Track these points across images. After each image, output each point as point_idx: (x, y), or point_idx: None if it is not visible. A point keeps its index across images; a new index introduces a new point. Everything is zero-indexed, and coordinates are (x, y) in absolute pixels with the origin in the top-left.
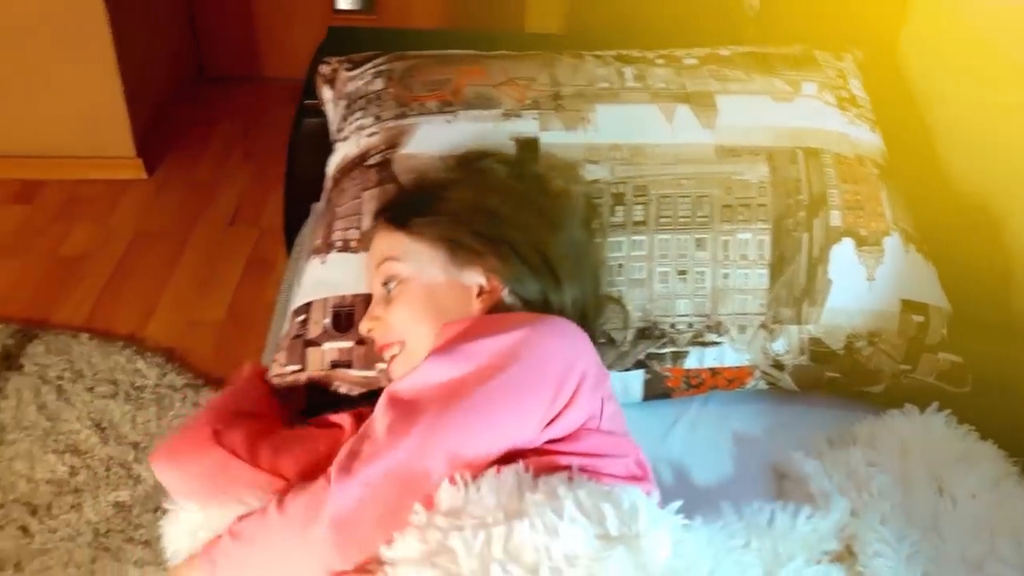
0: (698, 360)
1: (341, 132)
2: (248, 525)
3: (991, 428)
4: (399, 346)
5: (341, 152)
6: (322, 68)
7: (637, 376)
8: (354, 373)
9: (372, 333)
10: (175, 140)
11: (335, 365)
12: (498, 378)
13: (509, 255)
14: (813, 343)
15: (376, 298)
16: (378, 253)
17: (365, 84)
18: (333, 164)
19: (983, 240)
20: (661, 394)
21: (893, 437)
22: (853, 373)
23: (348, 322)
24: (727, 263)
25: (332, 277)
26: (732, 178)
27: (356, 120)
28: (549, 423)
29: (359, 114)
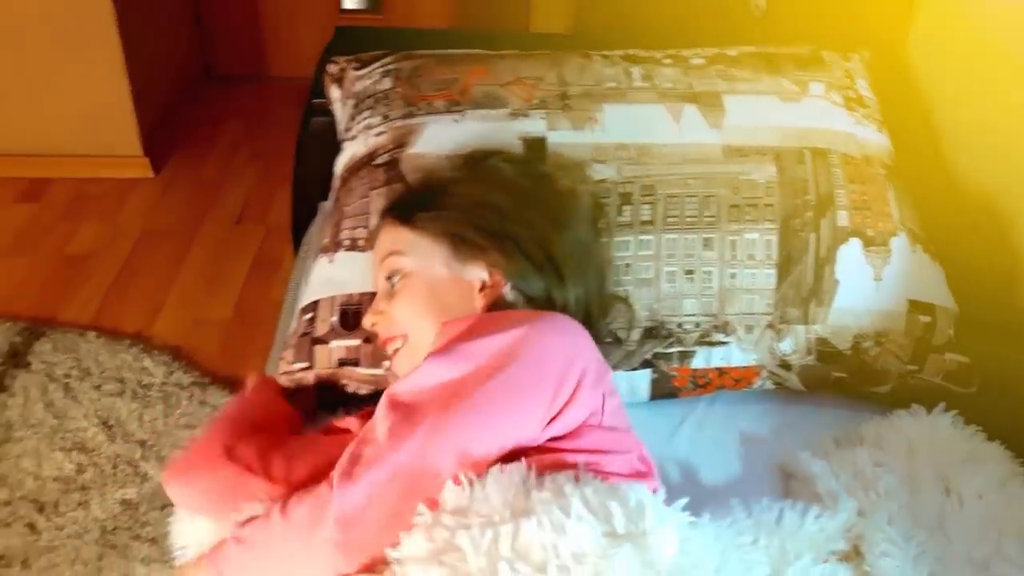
0: (705, 360)
1: (349, 131)
2: (252, 530)
3: (998, 429)
4: (401, 340)
5: (349, 151)
6: (330, 67)
7: (644, 376)
8: (361, 371)
9: (376, 327)
10: (182, 139)
11: (342, 363)
12: (498, 378)
13: (512, 251)
14: (820, 343)
15: (380, 292)
16: (383, 248)
17: (373, 83)
18: (341, 163)
19: (990, 240)
20: (668, 394)
21: (900, 437)
22: (860, 373)
23: (355, 320)
24: (734, 263)
25: (340, 275)
26: (739, 178)
27: (364, 119)
28: (550, 421)
29: (367, 113)
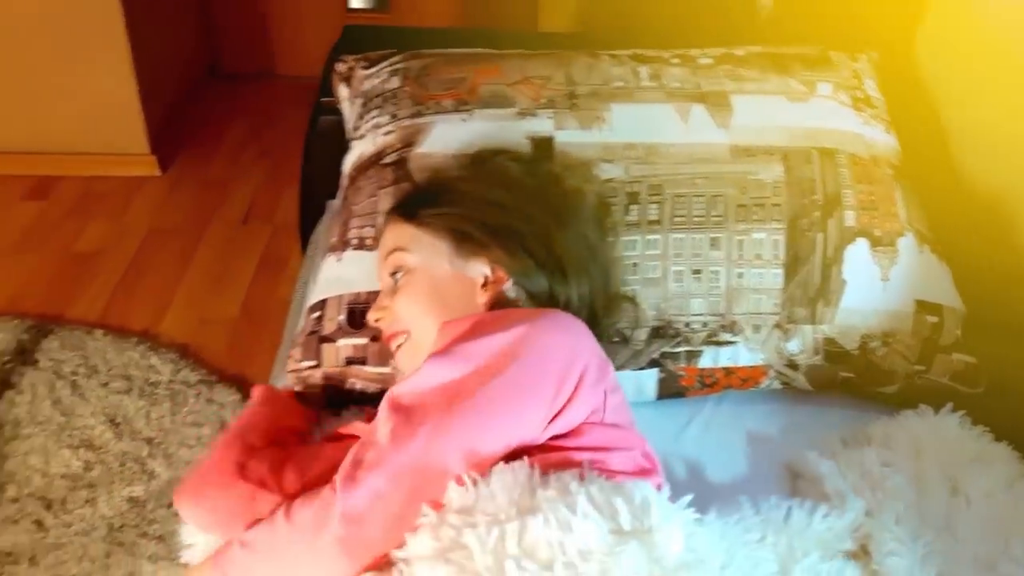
0: (712, 359)
1: (357, 130)
2: (257, 534)
3: (1005, 429)
4: (404, 336)
5: (357, 150)
6: (338, 66)
7: (651, 375)
8: (369, 369)
9: (379, 323)
10: (189, 137)
11: (350, 361)
12: (499, 378)
13: (514, 247)
14: (827, 343)
15: (384, 288)
16: (387, 244)
17: (381, 82)
18: (349, 162)
19: (997, 241)
20: (675, 393)
21: (907, 437)
22: (867, 373)
23: (363, 319)
24: (741, 263)
25: (347, 274)
26: (747, 178)
27: (372, 118)
28: (552, 419)
29: (375, 112)
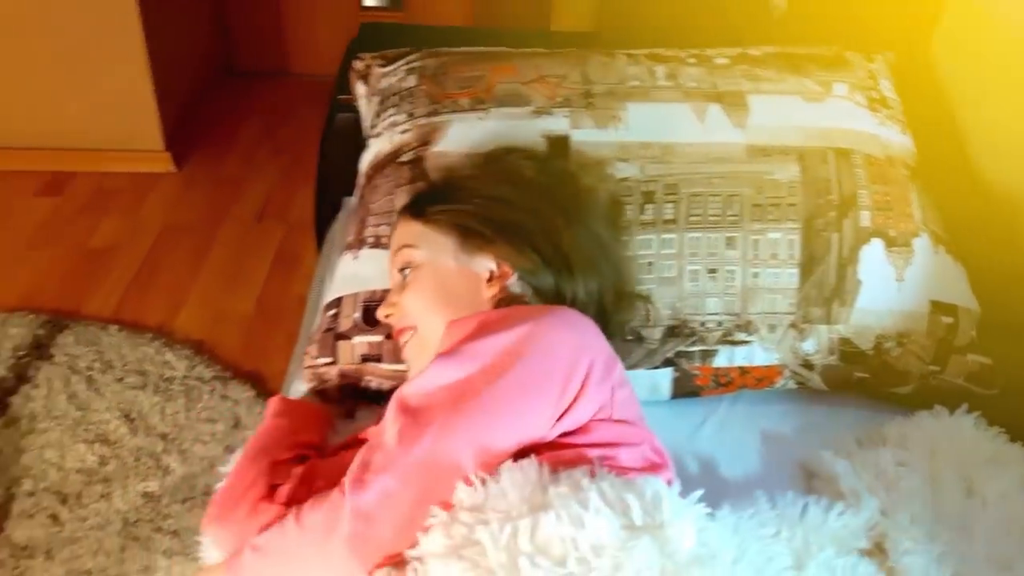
0: (727, 359)
1: (374, 128)
2: (268, 538)
3: (1021, 430)
4: (412, 331)
5: (374, 148)
6: (356, 64)
7: (666, 374)
8: (384, 367)
9: (389, 319)
10: (203, 135)
11: (365, 359)
12: (505, 377)
13: (520, 243)
14: (843, 343)
15: (394, 285)
16: (396, 242)
17: (398, 81)
18: (366, 160)
19: (1013, 242)
20: (690, 392)
21: (923, 438)
22: (882, 373)
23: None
24: (757, 262)
25: (363, 272)
26: (763, 177)
27: (389, 117)
28: (560, 417)
29: (392, 111)
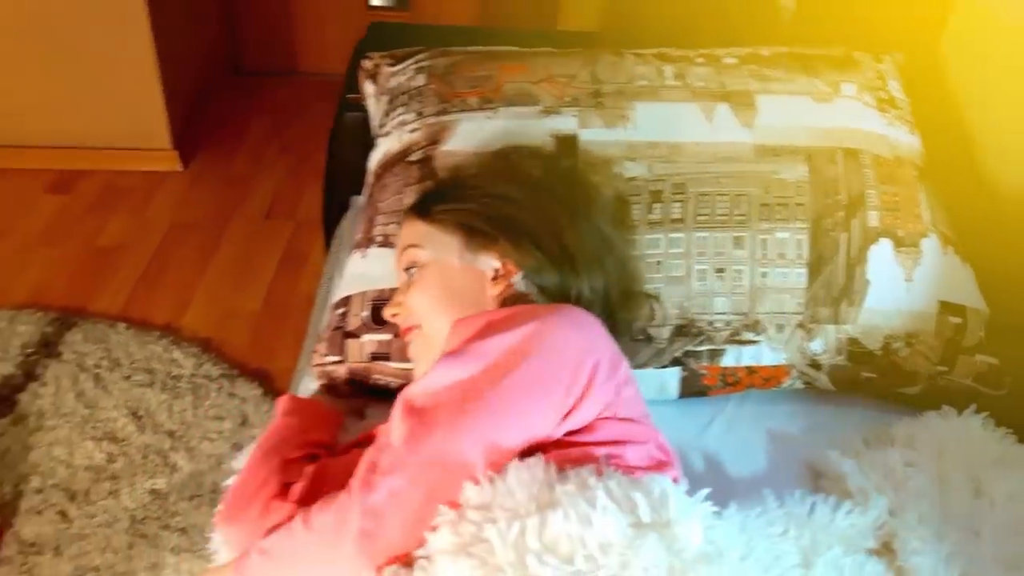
0: (735, 358)
1: (383, 127)
2: (276, 541)
3: None
4: (417, 330)
5: (383, 147)
6: (365, 63)
7: (674, 373)
8: (392, 365)
9: (396, 318)
10: (211, 133)
11: (374, 357)
12: (510, 376)
13: (523, 240)
14: (850, 343)
15: (400, 285)
16: (402, 241)
17: (407, 80)
18: (375, 159)
19: (1021, 242)
20: (697, 392)
21: (930, 438)
22: (890, 374)
23: None
24: (765, 262)
25: (372, 271)
26: (771, 177)
27: (398, 116)
28: (566, 415)
29: (401, 110)
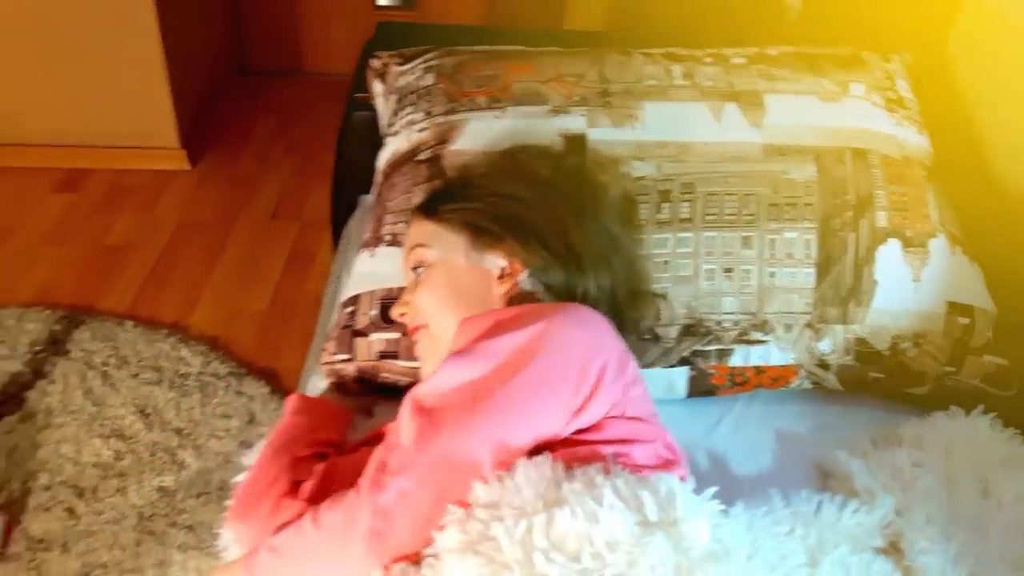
0: (743, 358)
1: (392, 127)
2: (285, 539)
3: None
4: (425, 329)
5: (391, 147)
6: (373, 62)
7: (682, 373)
8: (401, 364)
9: (404, 318)
10: (218, 133)
11: (382, 355)
12: (519, 376)
13: (529, 239)
14: (859, 343)
15: (407, 284)
16: (410, 241)
17: (416, 79)
18: (383, 159)
19: None
20: (705, 391)
21: (938, 439)
22: (898, 374)
23: None
24: (774, 261)
25: (381, 270)
26: (779, 177)
27: (407, 115)
28: (575, 414)
29: (409, 109)
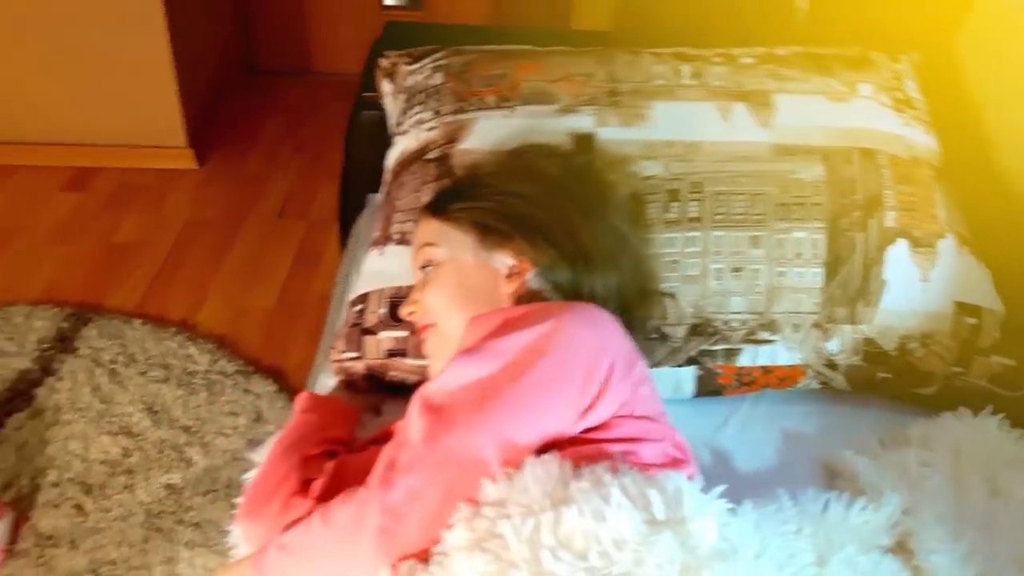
0: (751, 358)
1: (400, 126)
2: (294, 537)
3: None
4: (433, 328)
5: (400, 146)
6: (382, 62)
7: (689, 372)
8: (409, 362)
9: (412, 316)
10: (225, 132)
11: (391, 353)
12: (527, 374)
13: (537, 238)
14: (866, 343)
15: (416, 283)
16: (418, 240)
17: (424, 78)
18: (392, 157)
19: None
20: (713, 391)
21: (946, 439)
22: (905, 374)
23: None
24: (782, 261)
25: (389, 268)
26: (788, 176)
27: (416, 114)
28: (583, 414)
29: (418, 108)
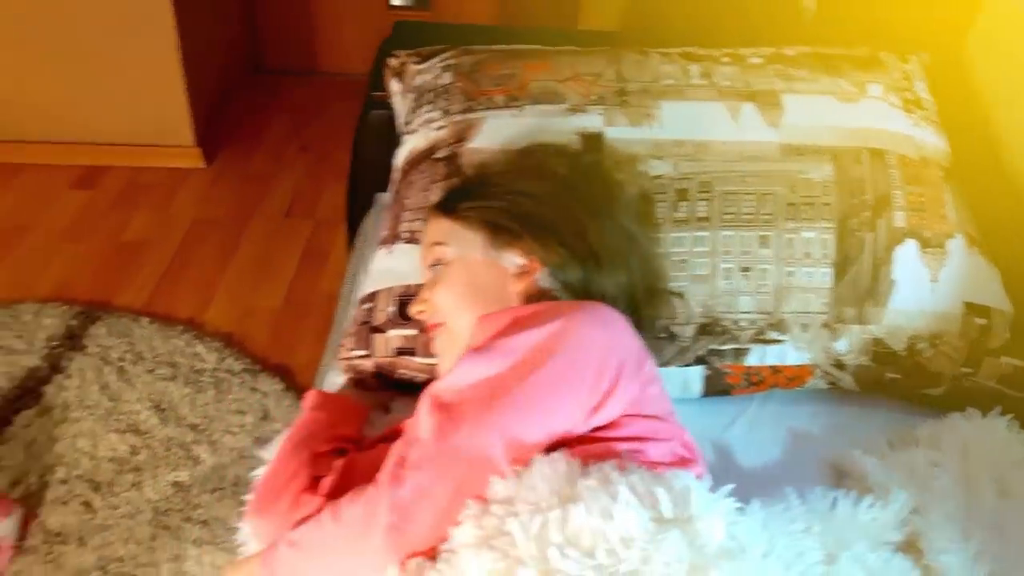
0: (759, 358)
1: (409, 125)
2: (304, 533)
3: None
4: (443, 327)
5: (409, 145)
6: (391, 61)
7: (697, 372)
8: (418, 360)
9: (421, 315)
10: (233, 131)
11: (400, 352)
12: (537, 373)
13: (547, 237)
14: (875, 344)
15: (426, 282)
16: (427, 239)
17: (433, 78)
18: (401, 156)
19: None
20: (721, 391)
21: (955, 439)
22: (914, 375)
23: None
24: (791, 261)
25: (398, 267)
26: (797, 176)
27: (424, 113)
28: (592, 412)
29: (427, 107)
